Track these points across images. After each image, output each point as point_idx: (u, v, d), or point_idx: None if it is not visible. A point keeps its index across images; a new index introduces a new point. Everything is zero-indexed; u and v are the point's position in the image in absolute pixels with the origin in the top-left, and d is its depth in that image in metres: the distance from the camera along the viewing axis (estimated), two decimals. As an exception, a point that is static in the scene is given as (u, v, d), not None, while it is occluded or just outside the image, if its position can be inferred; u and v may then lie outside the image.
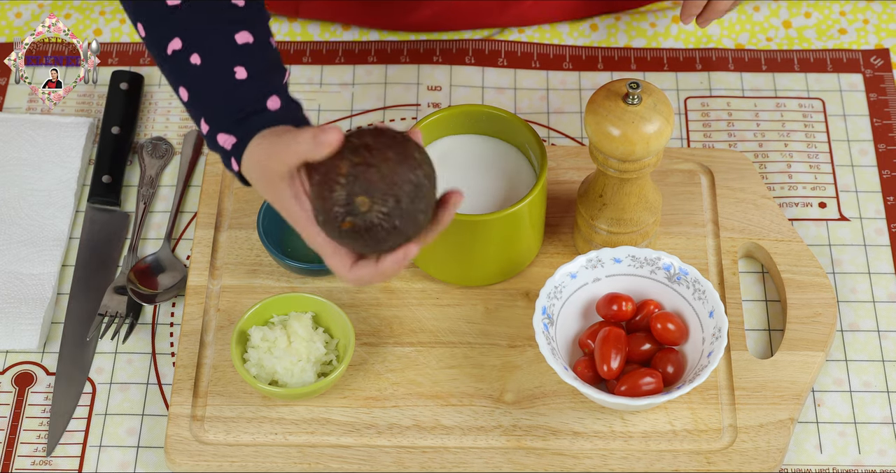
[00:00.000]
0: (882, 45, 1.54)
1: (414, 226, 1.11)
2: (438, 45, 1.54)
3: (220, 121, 1.17)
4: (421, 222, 1.11)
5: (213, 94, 1.17)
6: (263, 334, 1.28)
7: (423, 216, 1.11)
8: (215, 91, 1.17)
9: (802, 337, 1.31)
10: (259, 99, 1.17)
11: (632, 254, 1.29)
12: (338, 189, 1.09)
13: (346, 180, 1.09)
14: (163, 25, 1.18)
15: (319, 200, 1.10)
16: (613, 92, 1.24)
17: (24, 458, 1.28)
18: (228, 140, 1.16)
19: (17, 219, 1.41)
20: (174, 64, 1.18)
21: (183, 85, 1.19)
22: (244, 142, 1.15)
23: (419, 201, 1.10)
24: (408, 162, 1.09)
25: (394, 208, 1.09)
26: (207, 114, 1.18)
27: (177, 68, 1.18)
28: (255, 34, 1.18)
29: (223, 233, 1.38)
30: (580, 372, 1.26)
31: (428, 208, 1.11)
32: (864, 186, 1.43)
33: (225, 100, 1.17)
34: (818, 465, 1.27)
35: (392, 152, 1.09)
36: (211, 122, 1.17)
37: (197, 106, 1.19)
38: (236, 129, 1.16)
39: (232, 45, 1.17)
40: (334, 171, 1.09)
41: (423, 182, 1.10)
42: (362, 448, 1.26)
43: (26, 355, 1.34)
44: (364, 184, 1.08)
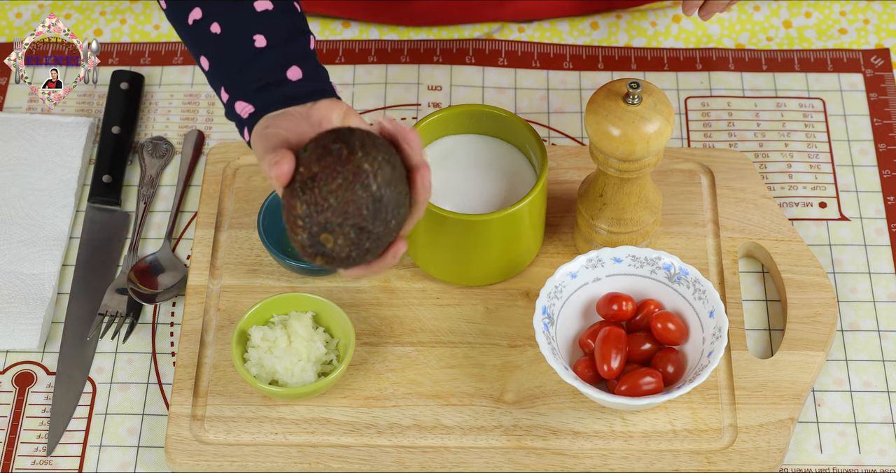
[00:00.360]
0: (882, 45, 1.54)
1: (387, 234, 1.11)
2: (439, 44, 1.54)
3: (239, 90, 1.18)
4: (393, 226, 1.11)
5: (233, 63, 1.19)
6: (264, 334, 1.28)
7: (395, 220, 1.11)
8: (235, 59, 1.18)
9: (802, 336, 1.31)
10: (278, 69, 1.17)
11: (632, 254, 1.29)
12: (299, 231, 1.10)
13: (304, 222, 1.10)
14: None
15: (290, 237, 1.12)
16: (614, 92, 1.24)
17: (24, 458, 1.28)
18: (246, 108, 1.18)
19: (18, 218, 1.41)
20: (195, 33, 1.20)
21: (204, 54, 1.20)
22: (260, 113, 1.17)
23: (384, 212, 1.10)
24: (359, 180, 1.09)
25: (358, 235, 1.10)
26: (227, 82, 1.19)
27: (197, 38, 1.20)
28: (275, 1, 1.19)
29: (223, 232, 1.38)
30: (580, 372, 1.26)
31: (398, 207, 1.11)
32: (864, 186, 1.43)
33: (244, 69, 1.18)
34: (818, 465, 1.27)
35: (340, 177, 1.09)
36: (230, 90, 1.19)
37: (217, 75, 1.20)
38: (254, 99, 1.17)
39: (251, 13, 1.19)
40: (293, 213, 1.10)
41: (381, 192, 1.09)
42: (363, 448, 1.26)
43: (27, 355, 1.34)
44: (321, 222, 1.09)
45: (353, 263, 1.12)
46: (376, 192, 1.09)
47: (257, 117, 1.17)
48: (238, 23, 1.19)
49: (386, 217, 1.10)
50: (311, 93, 1.18)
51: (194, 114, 1.50)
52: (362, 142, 1.11)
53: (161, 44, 1.54)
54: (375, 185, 1.09)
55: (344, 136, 1.11)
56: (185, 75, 1.52)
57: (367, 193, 1.09)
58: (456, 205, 1.30)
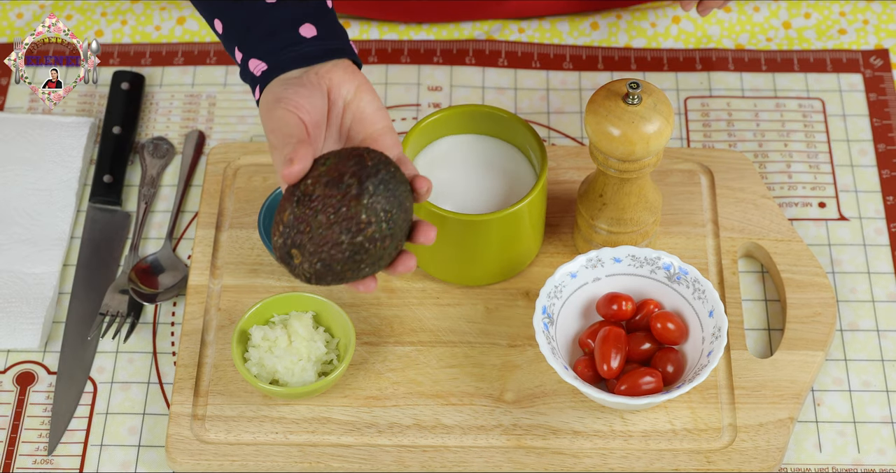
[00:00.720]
0: (882, 46, 1.54)
1: (354, 277, 1.11)
2: (439, 45, 1.54)
3: (252, 47, 1.16)
4: (365, 272, 1.10)
5: (245, 19, 1.16)
6: (264, 333, 1.28)
7: (369, 269, 1.10)
8: (247, 16, 1.16)
9: (802, 336, 1.31)
10: (291, 25, 1.15)
11: (632, 254, 1.29)
12: (277, 235, 1.10)
13: (284, 229, 1.09)
14: None
15: (272, 229, 1.12)
16: (613, 92, 1.24)
17: (25, 457, 1.28)
18: (259, 66, 1.15)
19: (19, 218, 1.41)
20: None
21: (217, 16, 1.18)
22: (273, 71, 1.14)
23: (357, 262, 1.09)
24: (347, 226, 1.08)
25: (323, 268, 1.09)
26: (240, 40, 1.17)
27: (210, 1, 1.18)
28: None
29: (224, 232, 1.39)
30: (580, 372, 1.26)
31: (379, 259, 1.10)
32: (863, 186, 1.43)
33: (256, 25, 1.16)
34: (818, 464, 1.27)
35: (333, 215, 1.07)
36: (243, 48, 1.16)
37: (230, 34, 1.18)
38: (267, 56, 1.15)
39: None
40: (281, 214, 1.10)
41: (365, 246, 1.08)
42: (363, 448, 1.26)
43: (27, 354, 1.34)
44: (296, 241, 1.09)
45: (310, 283, 1.11)
46: (359, 243, 1.08)
47: (270, 76, 1.14)
48: None
49: (359, 266, 1.09)
50: (327, 53, 1.15)
51: (195, 114, 1.50)
52: (377, 185, 1.08)
53: (162, 44, 1.55)
54: (361, 237, 1.08)
55: (363, 171, 1.08)
56: (186, 76, 1.52)
57: (349, 241, 1.08)
58: (456, 205, 1.30)
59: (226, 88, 1.51)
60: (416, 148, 1.33)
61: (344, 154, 1.10)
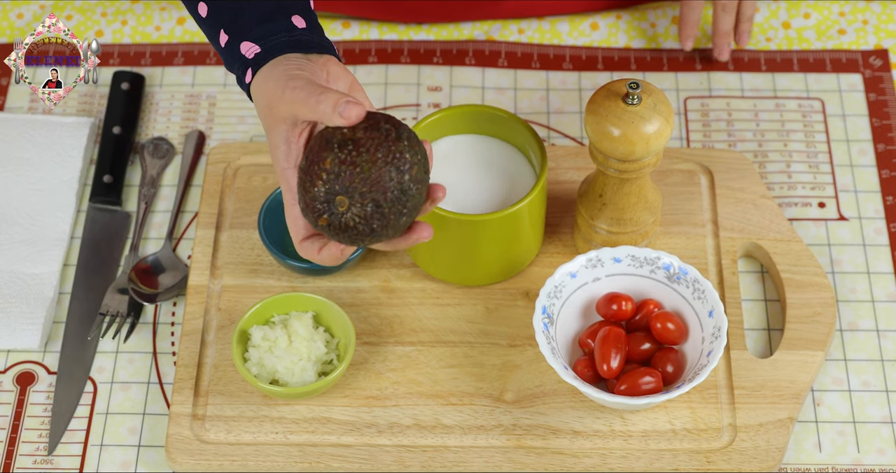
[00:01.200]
0: (881, 46, 1.54)
1: (393, 229, 1.10)
2: (439, 45, 1.54)
3: (244, 30, 1.15)
4: (401, 225, 1.10)
5: (233, 4, 1.16)
6: (264, 333, 1.28)
7: (406, 219, 1.10)
8: (235, 1, 1.15)
9: (802, 336, 1.31)
10: (282, 13, 1.15)
11: (632, 254, 1.29)
12: (319, 184, 1.08)
13: (328, 177, 1.07)
14: None
15: (301, 189, 1.09)
16: (613, 92, 1.24)
17: (25, 457, 1.28)
18: (252, 49, 1.14)
19: (19, 218, 1.41)
20: None
21: (203, 0, 1.17)
22: (267, 55, 1.14)
23: (402, 205, 1.09)
24: (396, 163, 1.08)
25: (373, 212, 1.08)
26: (227, 23, 1.16)
27: None
28: None
29: (224, 232, 1.39)
30: (580, 372, 1.26)
31: (412, 210, 1.10)
32: (863, 186, 1.43)
33: (245, 10, 1.15)
34: (817, 464, 1.27)
35: (381, 152, 1.07)
36: (231, 32, 1.15)
37: (216, 17, 1.17)
38: (262, 39, 1.14)
39: None
40: (319, 164, 1.08)
41: (408, 187, 1.08)
42: (363, 448, 1.26)
43: (28, 354, 1.34)
44: (345, 184, 1.07)
45: (350, 239, 1.10)
46: (405, 183, 1.08)
47: (263, 59, 1.13)
48: None
49: (402, 209, 1.09)
50: (318, 46, 1.14)
51: (195, 114, 1.50)
52: (409, 135, 1.09)
53: (162, 45, 1.55)
54: (408, 176, 1.08)
55: (394, 122, 1.09)
56: (186, 76, 1.52)
57: (399, 178, 1.07)
58: (456, 205, 1.30)
59: (226, 88, 1.51)
60: (416, 148, 1.33)
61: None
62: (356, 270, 1.36)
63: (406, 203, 1.09)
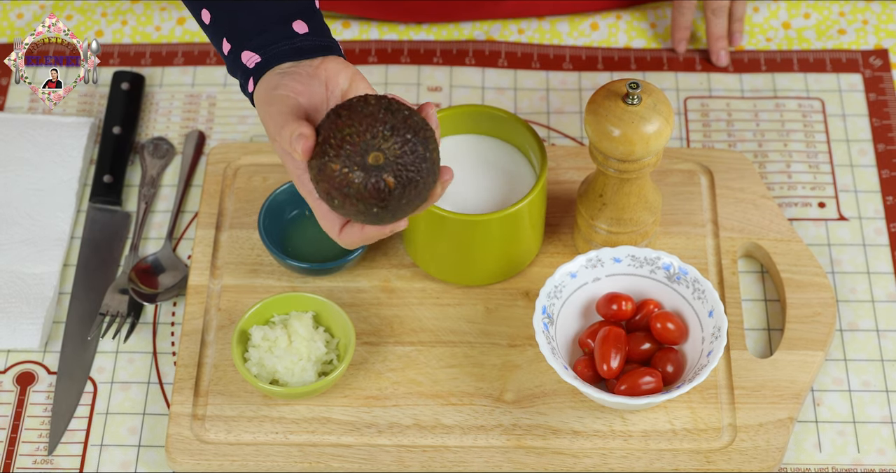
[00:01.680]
0: (881, 46, 1.54)
1: (418, 197, 1.09)
2: (439, 45, 1.54)
3: (244, 39, 1.16)
4: (423, 197, 1.09)
5: (235, 12, 1.17)
6: (264, 333, 1.28)
7: (425, 192, 1.09)
8: (238, 9, 1.16)
9: (802, 336, 1.31)
10: (283, 20, 1.15)
11: (632, 254, 1.29)
12: (350, 145, 1.07)
13: (357, 138, 1.07)
14: None
15: (328, 160, 1.08)
16: (613, 92, 1.24)
17: (25, 457, 1.28)
18: (252, 58, 1.15)
19: (19, 218, 1.41)
20: None
21: (205, 6, 1.18)
22: (267, 64, 1.15)
23: (429, 176, 1.08)
24: (421, 136, 1.08)
25: (405, 176, 1.07)
26: (230, 32, 1.17)
27: None
28: None
29: (224, 232, 1.39)
30: (580, 372, 1.26)
31: (430, 185, 1.10)
32: (863, 186, 1.43)
33: (247, 17, 1.16)
34: (817, 464, 1.27)
35: (408, 123, 1.08)
36: (234, 41, 1.16)
37: (219, 25, 1.18)
38: (261, 49, 1.15)
39: None
40: (343, 130, 1.07)
41: (433, 157, 1.08)
42: (363, 448, 1.26)
43: (28, 354, 1.34)
44: (376, 145, 1.07)
45: (387, 205, 1.08)
46: (430, 155, 1.08)
47: (264, 68, 1.15)
48: None
49: (428, 181, 1.08)
50: (319, 49, 1.15)
51: (195, 114, 1.50)
52: (419, 117, 1.10)
53: (162, 45, 1.55)
54: (432, 148, 1.08)
55: (401, 103, 1.09)
56: (186, 76, 1.52)
57: (424, 151, 1.08)
58: (456, 205, 1.30)
59: (226, 88, 1.51)
60: (416, 148, 1.33)
61: (362, 97, 1.11)
62: (356, 270, 1.36)
63: (429, 177, 1.08)
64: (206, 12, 1.18)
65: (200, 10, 1.19)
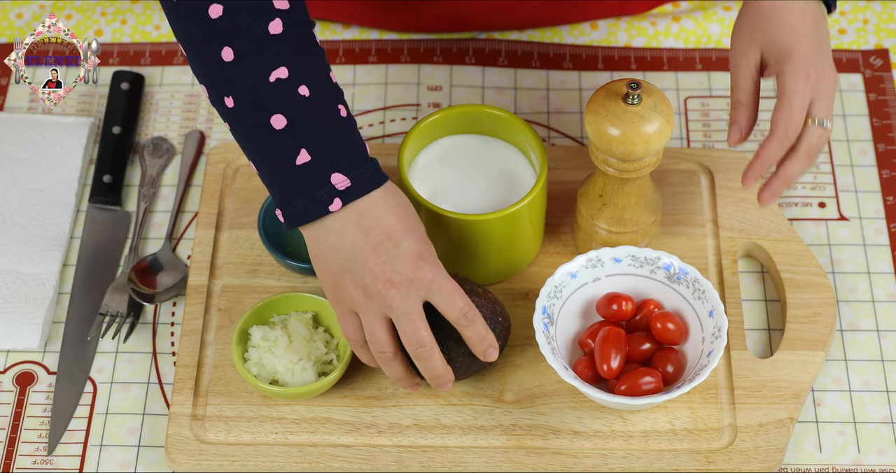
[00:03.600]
0: (882, 46, 1.54)
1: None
2: (439, 44, 1.54)
3: (335, 160, 1.16)
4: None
5: (325, 128, 1.16)
6: (264, 333, 1.28)
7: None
8: (325, 127, 1.16)
9: (802, 336, 1.31)
10: (362, 144, 1.18)
11: (632, 254, 1.29)
12: None
13: None
14: (264, 52, 1.15)
15: None
16: (613, 92, 1.24)
17: (25, 457, 1.28)
18: (343, 182, 1.16)
19: (19, 218, 1.41)
20: (277, 91, 1.15)
21: (282, 112, 1.16)
22: (357, 190, 1.16)
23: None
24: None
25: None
26: (315, 148, 1.16)
27: (280, 96, 1.16)
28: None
29: (224, 232, 1.39)
30: (580, 372, 1.26)
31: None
32: (863, 186, 1.43)
33: (336, 138, 1.17)
34: (818, 464, 1.27)
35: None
36: (320, 156, 1.16)
37: (300, 136, 1.16)
38: (351, 172, 1.16)
39: (329, 80, 1.18)
40: None
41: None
42: (363, 448, 1.26)
43: (27, 354, 1.34)
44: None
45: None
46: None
47: (354, 194, 1.16)
48: (324, 89, 1.17)
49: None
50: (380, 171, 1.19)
51: (195, 114, 1.50)
52: None
53: (161, 44, 1.55)
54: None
55: None
56: (186, 75, 1.52)
57: None
58: (456, 205, 1.30)
59: (226, 88, 1.51)
60: (416, 148, 1.33)
61: None
62: (356, 270, 1.36)
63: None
64: (282, 118, 1.16)
65: (271, 117, 1.16)
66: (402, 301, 1.15)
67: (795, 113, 1.21)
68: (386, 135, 1.48)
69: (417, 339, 1.16)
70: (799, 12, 1.22)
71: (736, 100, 1.25)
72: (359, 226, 1.16)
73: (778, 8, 1.22)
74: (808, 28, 1.22)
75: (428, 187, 1.31)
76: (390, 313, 1.16)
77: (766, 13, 1.23)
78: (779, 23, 1.22)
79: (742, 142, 1.26)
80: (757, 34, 1.23)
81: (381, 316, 1.17)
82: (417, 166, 1.33)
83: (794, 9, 1.22)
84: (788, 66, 1.22)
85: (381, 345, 1.17)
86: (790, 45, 1.22)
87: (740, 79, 1.25)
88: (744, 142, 1.26)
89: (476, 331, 1.18)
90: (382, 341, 1.17)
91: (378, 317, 1.17)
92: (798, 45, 1.22)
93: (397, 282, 1.15)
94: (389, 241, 1.16)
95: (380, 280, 1.15)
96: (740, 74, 1.25)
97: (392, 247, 1.16)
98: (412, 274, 1.15)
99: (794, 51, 1.22)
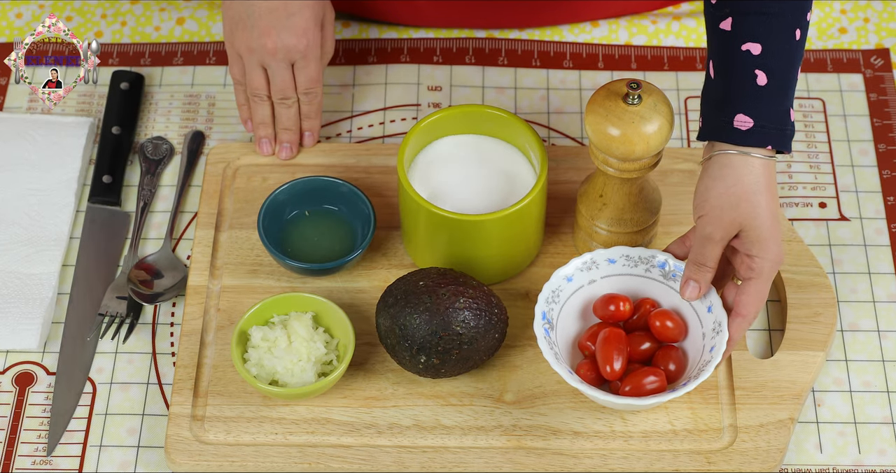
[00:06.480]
0: (882, 45, 1.54)
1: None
2: (438, 43, 1.54)
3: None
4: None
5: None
6: (264, 334, 1.28)
7: None
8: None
9: (802, 336, 1.31)
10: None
11: (626, 254, 1.29)
12: None
13: None
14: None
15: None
16: (613, 92, 1.24)
17: (24, 458, 1.28)
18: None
19: (18, 218, 1.41)
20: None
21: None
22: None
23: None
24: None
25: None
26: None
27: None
28: None
29: (223, 232, 1.39)
30: (583, 375, 1.25)
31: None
32: (864, 186, 1.43)
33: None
34: (818, 465, 1.27)
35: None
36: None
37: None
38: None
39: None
40: None
41: None
42: (363, 448, 1.26)
43: (27, 355, 1.34)
44: None
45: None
46: None
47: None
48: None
49: None
50: None
51: (194, 114, 1.50)
52: None
53: (161, 44, 1.55)
54: None
55: None
56: (186, 76, 1.52)
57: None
58: (456, 205, 1.30)
59: (225, 88, 1.51)
60: (416, 148, 1.33)
61: None
62: (356, 270, 1.36)
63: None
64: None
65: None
66: (277, 63, 1.37)
67: (764, 296, 1.23)
68: (386, 136, 1.48)
69: (282, 90, 1.38)
70: (766, 188, 1.21)
71: (702, 264, 1.23)
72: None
73: (748, 183, 1.20)
74: (774, 206, 1.21)
75: (428, 187, 1.31)
76: (266, 66, 1.38)
77: (736, 191, 1.20)
78: (751, 204, 1.20)
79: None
80: (740, 212, 1.20)
81: (259, 65, 1.37)
82: (417, 166, 1.33)
83: (761, 182, 1.21)
84: (765, 253, 1.21)
85: (255, 89, 1.39)
86: (768, 232, 1.21)
87: (713, 251, 1.22)
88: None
89: (314, 108, 1.41)
90: (257, 84, 1.38)
91: (257, 66, 1.38)
92: (773, 231, 1.21)
93: (277, 47, 1.35)
94: (284, 10, 1.34)
95: (265, 37, 1.35)
96: (714, 247, 1.22)
97: (284, 16, 1.34)
98: (291, 42, 1.35)
99: (770, 236, 1.21)
